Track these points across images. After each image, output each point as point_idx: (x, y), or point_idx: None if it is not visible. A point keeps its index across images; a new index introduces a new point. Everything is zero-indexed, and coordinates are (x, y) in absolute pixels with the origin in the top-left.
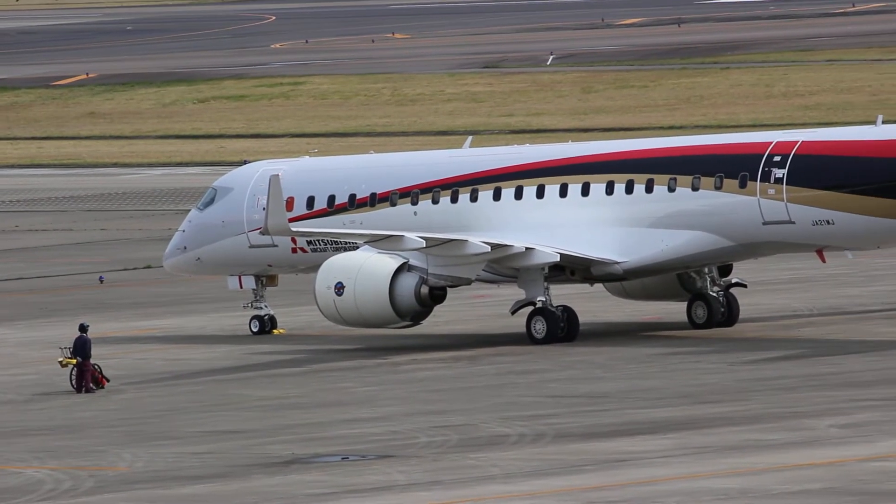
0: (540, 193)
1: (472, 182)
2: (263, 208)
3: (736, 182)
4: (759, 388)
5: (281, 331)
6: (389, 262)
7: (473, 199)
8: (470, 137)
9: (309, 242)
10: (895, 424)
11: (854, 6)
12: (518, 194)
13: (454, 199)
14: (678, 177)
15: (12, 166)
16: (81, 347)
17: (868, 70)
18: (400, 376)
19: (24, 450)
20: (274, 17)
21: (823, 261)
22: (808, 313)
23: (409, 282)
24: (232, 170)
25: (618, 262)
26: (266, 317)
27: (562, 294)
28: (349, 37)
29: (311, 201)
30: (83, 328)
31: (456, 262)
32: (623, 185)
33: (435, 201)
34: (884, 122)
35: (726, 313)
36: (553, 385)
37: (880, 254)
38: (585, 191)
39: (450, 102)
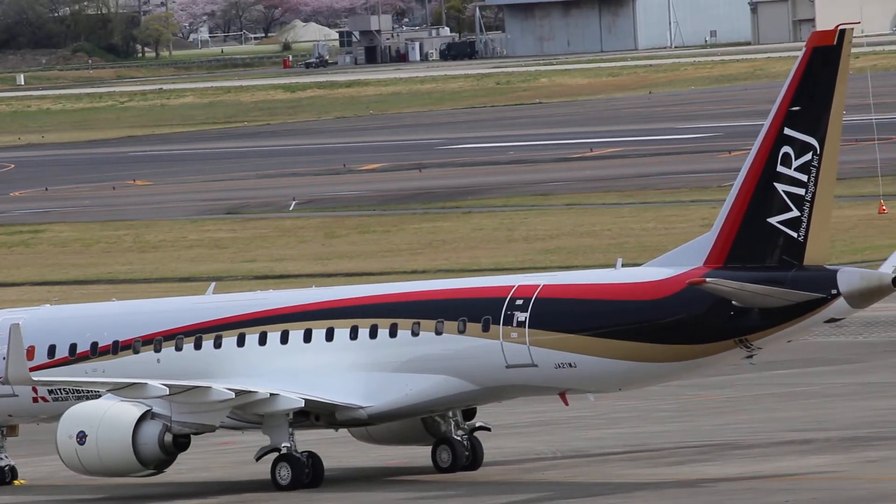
0: (284, 339)
1: (215, 328)
2: (3, 358)
3: (479, 326)
4: None
5: (22, 481)
6: (132, 410)
7: (217, 345)
8: (213, 284)
9: (50, 391)
10: None
11: (592, 151)
12: (262, 340)
13: (198, 346)
14: (422, 321)
15: None
16: None
17: (607, 214)
18: None
19: None
20: (13, 165)
21: (566, 403)
22: (552, 456)
23: (152, 430)
24: None
25: (362, 407)
26: (6, 468)
27: (307, 440)
28: (89, 184)
29: (52, 350)
30: None
31: (200, 409)
32: (367, 330)
33: (178, 348)
34: (623, 266)
35: (471, 457)
36: None
37: (621, 396)
38: (329, 336)
39: (192, 248)
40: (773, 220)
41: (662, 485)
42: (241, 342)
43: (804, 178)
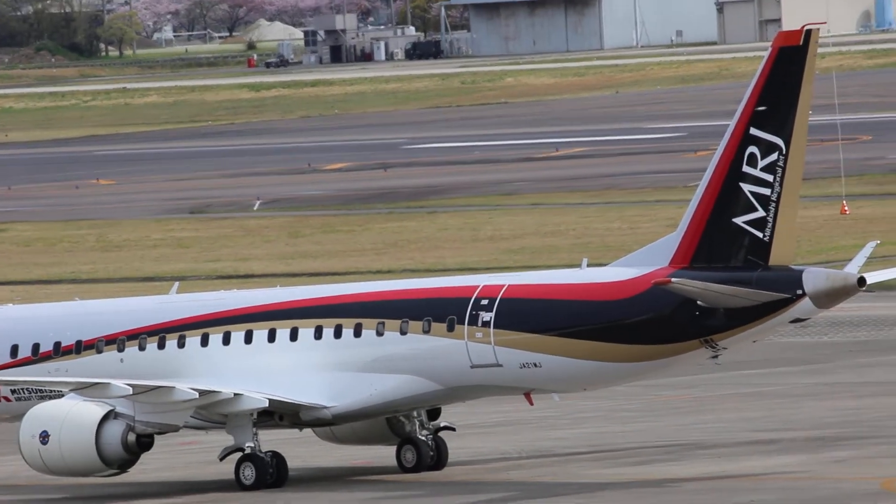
0: (248, 339)
1: (179, 328)
2: None
3: (444, 326)
4: None
5: None
6: (95, 410)
7: (181, 345)
8: (177, 283)
9: (13, 391)
10: None
11: (557, 150)
12: (226, 340)
13: (161, 346)
14: (386, 321)
15: None
16: None
17: (571, 213)
18: None
19: None
20: None
21: (531, 403)
22: (517, 456)
23: (115, 429)
24: None
25: (326, 407)
26: None
27: (271, 439)
28: (53, 183)
29: (14, 350)
30: None
31: (163, 409)
32: (331, 330)
33: (142, 348)
34: (588, 265)
35: (435, 457)
36: None
37: (586, 396)
38: (294, 336)
39: (156, 248)
40: (738, 221)
41: (627, 484)
42: (204, 342)
43: (770, 178)
